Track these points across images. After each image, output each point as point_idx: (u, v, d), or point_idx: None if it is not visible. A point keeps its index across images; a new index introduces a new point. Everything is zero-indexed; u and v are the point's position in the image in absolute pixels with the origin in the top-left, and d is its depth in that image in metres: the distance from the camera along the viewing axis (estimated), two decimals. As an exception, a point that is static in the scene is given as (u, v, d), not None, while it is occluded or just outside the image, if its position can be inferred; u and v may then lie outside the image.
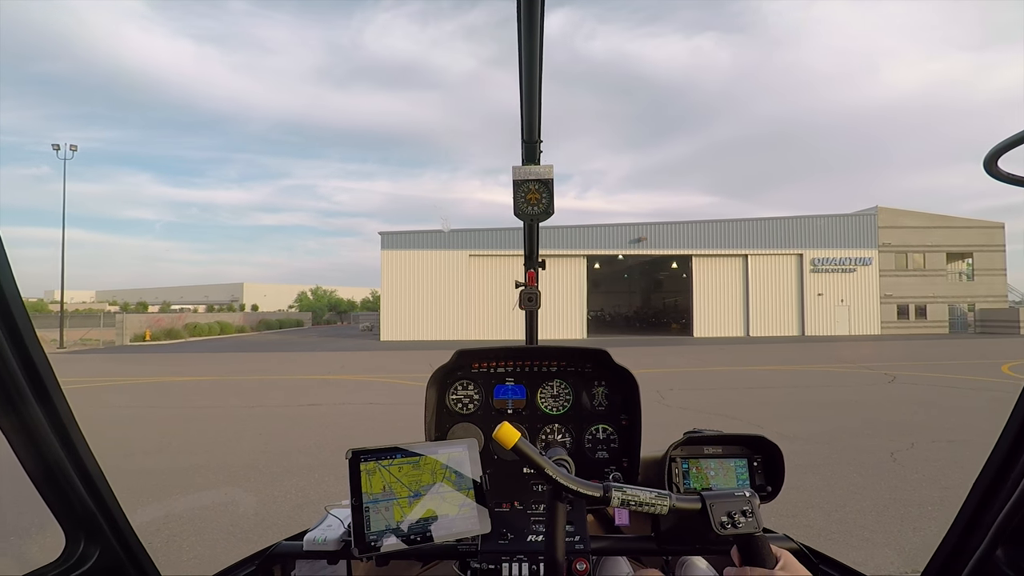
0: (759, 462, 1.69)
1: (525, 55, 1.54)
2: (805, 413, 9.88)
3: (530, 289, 2.63)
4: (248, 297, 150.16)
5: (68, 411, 1.10)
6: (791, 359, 21.09)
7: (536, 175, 1.99)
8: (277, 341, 36.86)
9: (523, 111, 1.83)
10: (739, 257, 37.76)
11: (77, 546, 1.15)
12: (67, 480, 1.10)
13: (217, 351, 28.87)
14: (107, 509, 1.18)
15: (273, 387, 14.81)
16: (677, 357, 22.67)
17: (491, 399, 1.99)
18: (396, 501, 1.34)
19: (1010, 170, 0.76)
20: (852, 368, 17.50)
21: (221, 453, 7.54)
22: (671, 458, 1.66)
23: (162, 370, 19.57)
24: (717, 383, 14.48)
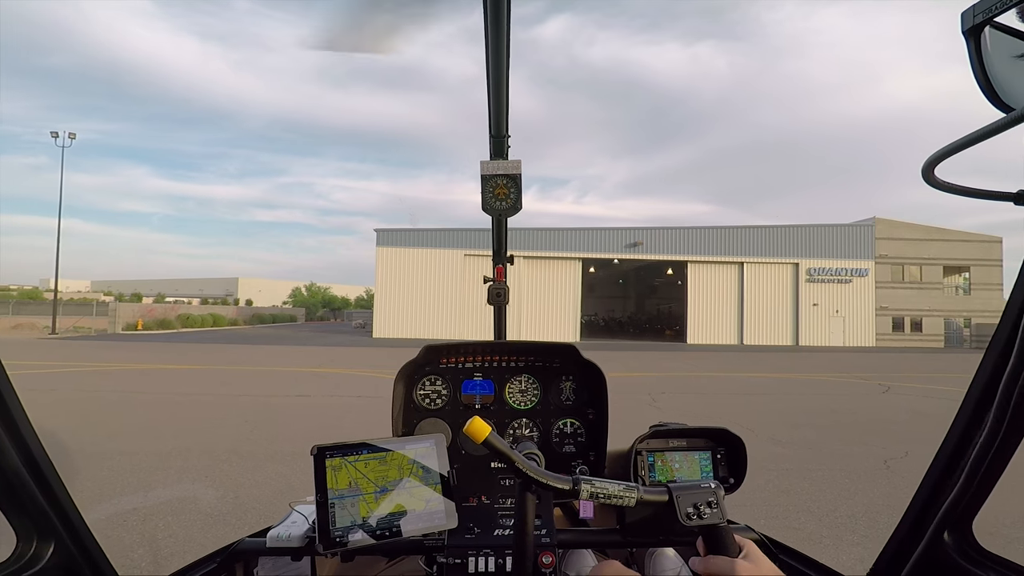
0: (722, 454, 1.73)
1: (492, 51, 1.55)
2: (799, 420, 9.79)
3: (498, 285, 2.59)
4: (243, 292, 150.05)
5: (19, 406, 1.07)
6: (784, 367, 21.02)
7: (504, 170, 2.00)
8: (269, 335, 36.60)
9: (490, 106, 1.85)
10: (735, 265, 37.63)
11: (29, 545, 1.12)
12: (17, 477, 1.07)
13: (208, 342, 28.62)
14: (60, 506, 1.15)
15: (262, 378, 14.64)
16: (670, 362, 22.56)
17: (459, 394, 1.99)
18: (362, 497, 1.33)
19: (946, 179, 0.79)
20: (846, 377, 17.43)
21: (204, 438, 7.38)
22: (637, 451, 1.67)
23: (152, 358, 19.35)
24: (709, 388, 14.38)
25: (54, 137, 31.31)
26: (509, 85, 1.75)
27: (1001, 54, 0.75)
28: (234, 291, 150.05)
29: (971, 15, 0.75)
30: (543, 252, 36.13)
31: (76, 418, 8.69)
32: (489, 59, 1.60)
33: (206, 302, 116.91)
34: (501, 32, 1.48)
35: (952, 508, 1.13)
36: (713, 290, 37.56)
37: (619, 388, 13.94)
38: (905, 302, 38.54)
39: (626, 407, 10.61)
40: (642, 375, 17.08)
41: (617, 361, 21.94)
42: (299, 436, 7.75)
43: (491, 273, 2.66)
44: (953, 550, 1.17)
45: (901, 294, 38.54)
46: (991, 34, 0.75)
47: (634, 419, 9.46)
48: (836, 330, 37.53)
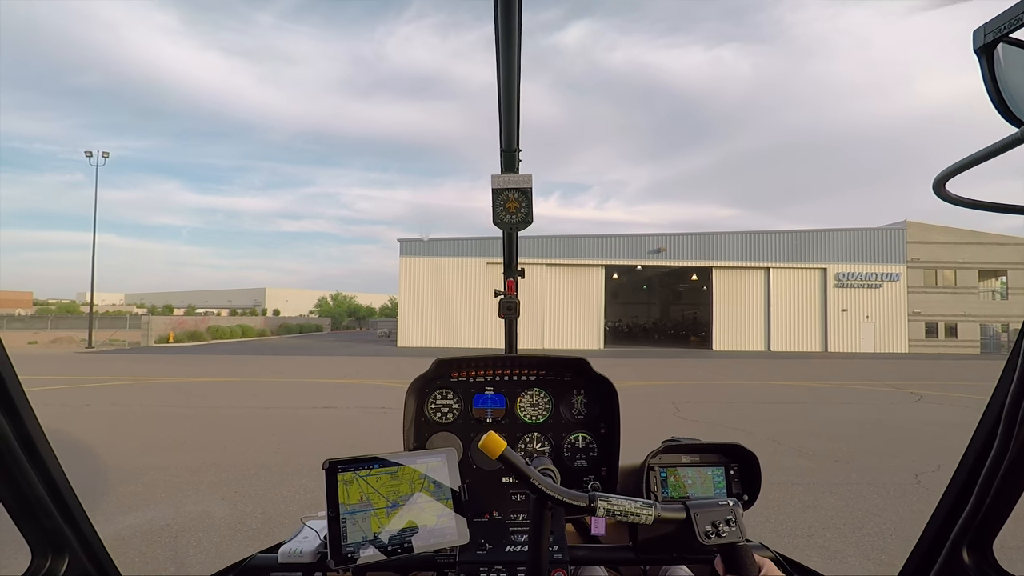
0: (736, 470, 1.70)
1: (503, 66, 1.56)
2: (826, 431, 9.61)
3: (509, 298, 2.58)
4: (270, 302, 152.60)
5: (35, 422, 1.08)
6: (812, 375, 20.61)
7: (515, 184, 2.00)
8: (296, 345, 37.27)
9: (501, 121, 1.85)
10: (761, 270, 37.07)
11: (44, 560, 1.13)
12: (33, 492, 1.08)
13: (237, 353, 29.27)
14: (75, 522, 1.16)
15: (290, 390, 14.92)
16: (694, 369, 22.31)
17: (470, 408, 1.98)
18: (374, 512, 1.32)
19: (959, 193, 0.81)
20: (876, 386, 17.02)
21: (233, 452, 7.58)
22: (649, 466, 1.65)
23: (183, 370, 19.88)
24: (734, 397, 14.18)
25: (88, 156, 32.50)
26: (520, 99, 1.75)
27: (1014, 71, 0.76)
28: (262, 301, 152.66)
29: (983, 33, 0.76)
30: (566, 259, 36.14)
31: (111, 433, 9.00)
32: (500, 73, 1.60)
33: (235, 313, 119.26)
34: (512, 46, 1.48)
35: (971, 527, 1.11)
36: (739, 296, 37.05)
37: (642, 397, 13.83)
38: (939, 307, 37.47)
39: (649, 416, 10.56)
40: (666, 383, 16.93)
41: (640, 369, 21.79)
42: (325, 449, 7.90)
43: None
44: (972, 570, 1.14)
45: (934, 299, 37.50)
46: (1004, 50, 0.76)
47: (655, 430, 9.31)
48: (867, 336, 36.66)
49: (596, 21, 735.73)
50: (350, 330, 70.75)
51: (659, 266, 38.59)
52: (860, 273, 36.86)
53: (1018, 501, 1.07)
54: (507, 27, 1.41)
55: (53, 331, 44.56)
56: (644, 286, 58.20)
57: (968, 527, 1.12)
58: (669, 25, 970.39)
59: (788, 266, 36.84)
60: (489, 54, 1.58)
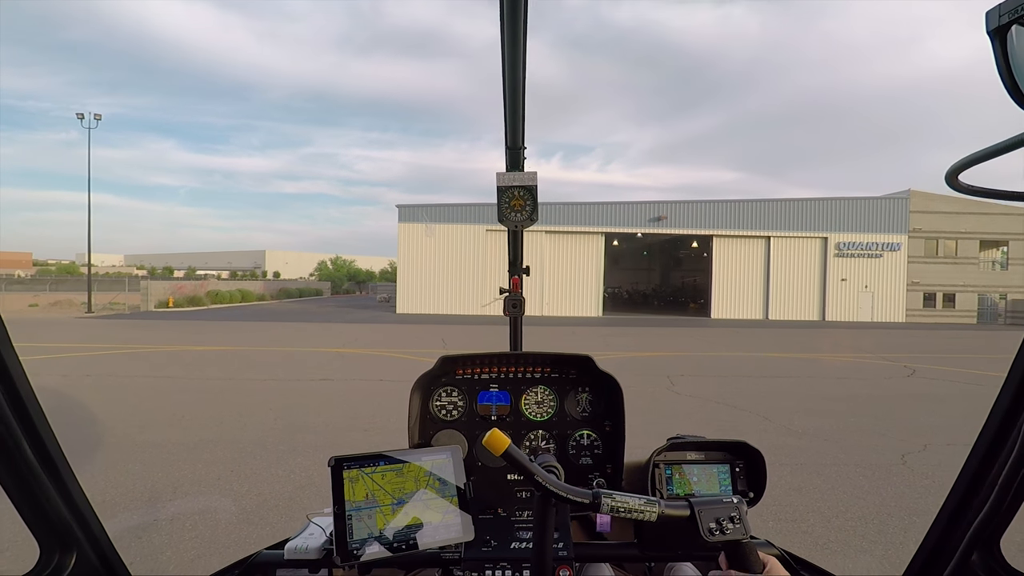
0: (741, 467, 1.71)
1: (508, 64, 1.55)
2: (817, 407, 9.73)
3: (514, 296, 2.56)
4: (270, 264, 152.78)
5: (42, 417, 1.08)
6: (808, 346, 20.77)
7: (520, 181, 2.00)
8: (295, 311, 37.46)
9: (507, 119, 1.85)
10: (761, 239, 36.98)
11: (52, 556, 1.14)
12: (40, 488, 1.08)
13: (236, 320, 29.44)
14: (82, 517, 1.17)
15: (287, 359, 15.05)
16: (691, 339, 22.47)
17: (475, 405, 1.99)
18: (379, 509, 1.33)
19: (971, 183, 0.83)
20: (870, 359, 17.17)
21: (230, 429, 7.69)
22: (654, 464, 1.66)
23: (182, 338, 20.03)
24: (729, 370, 14.32)
25: (80, 119, 31.90)
26: (526, 97, 1.74)
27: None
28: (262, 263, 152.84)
29: (996, 15, 0.72)
30: (566, 227, 35.95)
31: (108, 406, 9.11)
32: (505, 71, 1.59)
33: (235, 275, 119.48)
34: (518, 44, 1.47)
35: (979, 526, 1.11)
36: (739, 264, 37.06)
37: (638, 369, 13.98)
38: (938, 277, 37.54)
39: (643, 392, 10.68)
40: (662, 355, 17.08)
41: (637, 338, 21.95)
42: (321, 426, 8.01)
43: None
44: (980, 569, 1.14)
45: (934, 269, 37.53)
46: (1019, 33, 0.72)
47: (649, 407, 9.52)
48: (865, 305, 36.84)
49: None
50: (350, 294, 70.97)
51: (660, 234, 38.47)
52: (861, 243, 36.78)
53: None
54: (512, 26, 1.41)
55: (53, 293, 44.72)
56: (644, 252, 58.09)
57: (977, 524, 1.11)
58: None
59: (789, 235, 36.74)
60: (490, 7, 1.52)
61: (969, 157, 0.79)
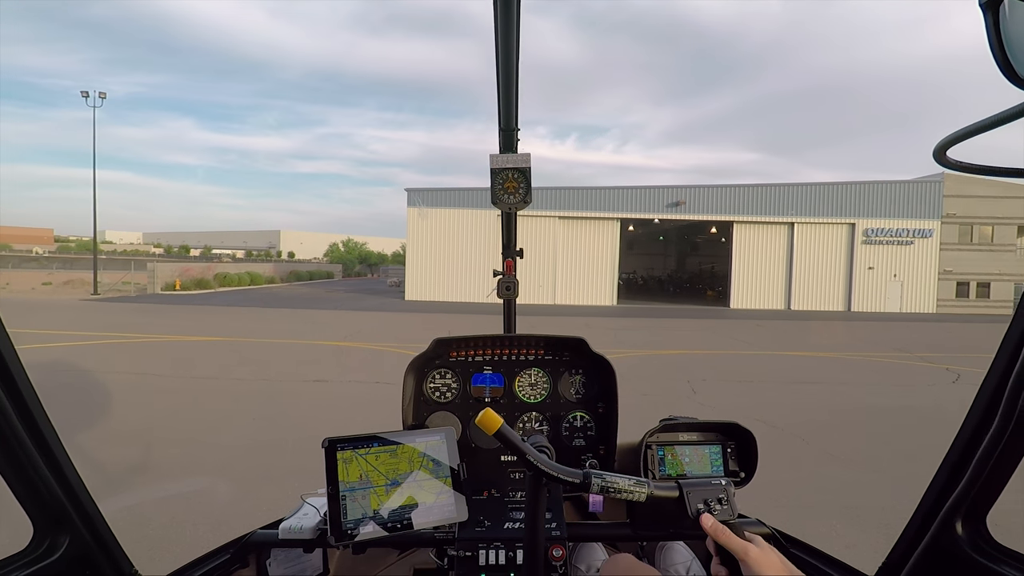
0: (733, 448, 1.72)
1: (502, 45, 1.55)
2: (859, 425, 8.68)
3: (508, 278, 2.60)
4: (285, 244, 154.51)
5: (35, 398, 1.10)
6: (839, 343, 19.56)
7: (514, 163, 1.99)
8: (303, 295, 36.80)
9: (500, 100, 1.83)
10: (784, 225, 35.17)
11: (45, 536, 1.15)
12: (35, 469, 1.09)
13: (241, 305, 28.80)
14: (76, 498, 1.18)
15: (285, 353, 14.28)
16: (712, 334, 21.35)
17: (469, 387, 2.01)
18: (373, 489, 1.35)
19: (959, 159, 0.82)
20: (908, 359, 15.98)
21: (200, 447, 6.86)
22: (647, 445, 1.67)
23: (180, 326, 19.34)
24: (756, 373, 13.26)
25: (85, 97, 31.13)
26: (519, 78, 1.74)
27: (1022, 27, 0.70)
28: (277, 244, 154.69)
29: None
30: (580, 212, 34.62)
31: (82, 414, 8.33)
32: (499, 51, 1.58)
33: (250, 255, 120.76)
34: (511, 24, 1.46)
35: (965, 500, 1.13)
36: (760, 252, 35.41)
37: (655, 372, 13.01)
38: (972, 265, 35.51)
39: (661, 402, 9.69)
40: (682, 353, 16.05)
41: (655, 333, 20.88)
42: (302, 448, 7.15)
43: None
44: (966, 543, 1.15)
45: (968, 256, 35.50)
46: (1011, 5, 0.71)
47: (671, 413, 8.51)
48: (893, 295, 35.09)
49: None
50: (361, 277, 70.49)
51: (677, 220, 36.92)
52: (891, 229, 34.74)
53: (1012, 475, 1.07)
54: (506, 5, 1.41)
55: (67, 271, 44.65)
56: (661, 237, 56.60)
57: (963, 499, 1.13)
58: None
59: (814, 221, 34.84)
60: None
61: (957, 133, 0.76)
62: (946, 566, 1.18)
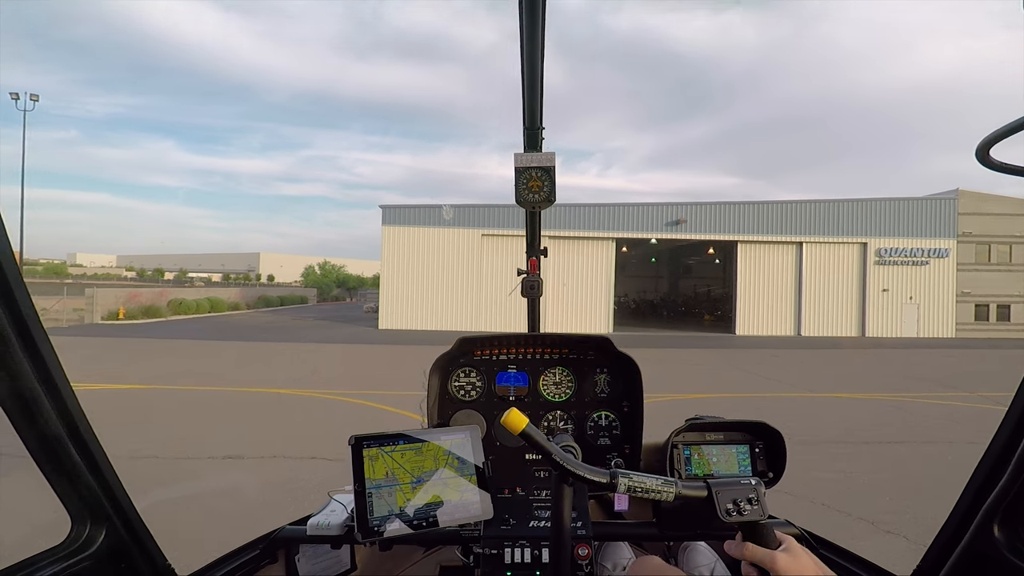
0: (761, 448, 1.69)
1: (527, 42, 1.55)
2: (916, 505, 5.70)
3: (532, 277, 2.57)
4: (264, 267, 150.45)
5: (74, 398, 1.09)
6: (876, 379, 16.76)
7: (538, 162, 1.98)
8: (267, 324, 33.31)
9: (525, 98, 1.83)
10: (792, 244, 32.62)
11: (83, 529, 1.16)
12: (72, 465, 1.10)
13: (189, 337, 25.36)
14: (112, 492, 1.18)
15: (207, 408, 11.07)
16: (726, 366, 18.52)
17: (493, 386, 2.03)
18: (399, 487, 1.34)
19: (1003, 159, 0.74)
20: (969, 399, 13.16)
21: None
22: (673, 444, 1.65)
23: (92, 370, 15.89)
24: (796, 424, 10.30)
25: (15, 99, 27.80)
26: (544, 76, 1.71)
27: None
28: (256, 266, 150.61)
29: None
30: (572, 231, 31.80)
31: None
32: (524, 49, 1.57)
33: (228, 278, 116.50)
34: (536, 21, 1.45)
35: (1002, 502, 1.09)
36: (767, 273, 32.75)
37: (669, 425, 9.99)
38: (991, 287, 33.15)
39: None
40: (698, 397, 13.11)
41: (661, 367, 17.90)
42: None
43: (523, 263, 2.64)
44: (1004, 546, 1.12)
45: (986, 277, 33.16)
46: None
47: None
48: (909, 319, 32.56)
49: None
50: (339, 301, 66.85)
51: (678, 239, 34.28)
52: (905, 249, 32.31)
53: None
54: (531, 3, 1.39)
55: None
56: (653, 259, 54.09)
57: (1000, 501, 1.09)
58: None
59: (823, 240, 32.38)
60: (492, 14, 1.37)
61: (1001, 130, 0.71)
62: (983, 569, 1.14)
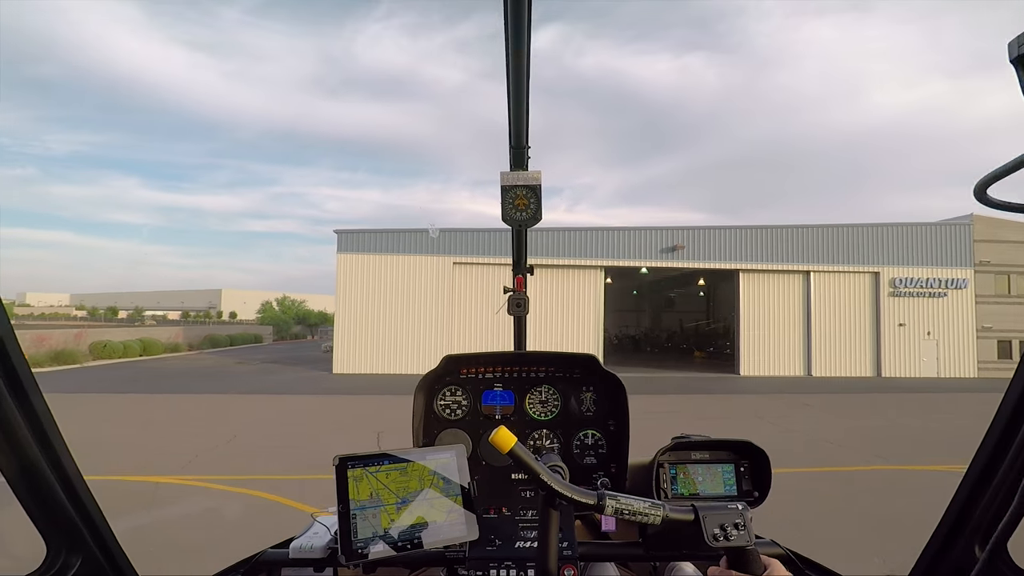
0: (746, 467, 1.69)
1: (512, 62, 1.54)
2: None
3: (518, 295, 2.57)
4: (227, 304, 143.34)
5: (51, 420, 1.08)
6: (937, 436, 13.26)
7: (524, 180, 2.01)
8: (200, 369, 28.58)
9: (511, 117, 1.83)
10: (798, 273, 29.53)
11: (59, 555, 1.14)
12: (49, 489, 1.08)
13: (91, 391, 20.70)
14: (89, 517, 1.16)
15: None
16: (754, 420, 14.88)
17: (479, 405, 1.98)
18: (383, 508, 1.32)
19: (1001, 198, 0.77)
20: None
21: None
22: (659, 463, 1.66)
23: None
24: (894, 529, 6.60)
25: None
26: (530, 95, 1.72)
27: None
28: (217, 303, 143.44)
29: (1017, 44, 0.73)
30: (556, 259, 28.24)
31: None
32: (509, 69, 1.57)
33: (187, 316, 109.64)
34: (521, 42, 1.46)
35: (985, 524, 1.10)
36: (771, 306, 29.44)
37: (794, 537, 6.31)
38: (1013, 321, 30.08)
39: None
40: (785, 473, 9.36)
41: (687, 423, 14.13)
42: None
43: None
44: (985, 567, 1.12)
45: (1008, 311, 30.24)
46: None
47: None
48: (928, 357, 29.36)
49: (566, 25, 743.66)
50: (300, 339, 61.73)
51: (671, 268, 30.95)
52: (920, 279, 29.48)
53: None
54: (516, 21, 1.39)
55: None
56: (634, 291, 50.92)
57: (982, 523, 1.10)
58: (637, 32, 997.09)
59: (833, 269, 29.37)
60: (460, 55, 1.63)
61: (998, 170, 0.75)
62: None
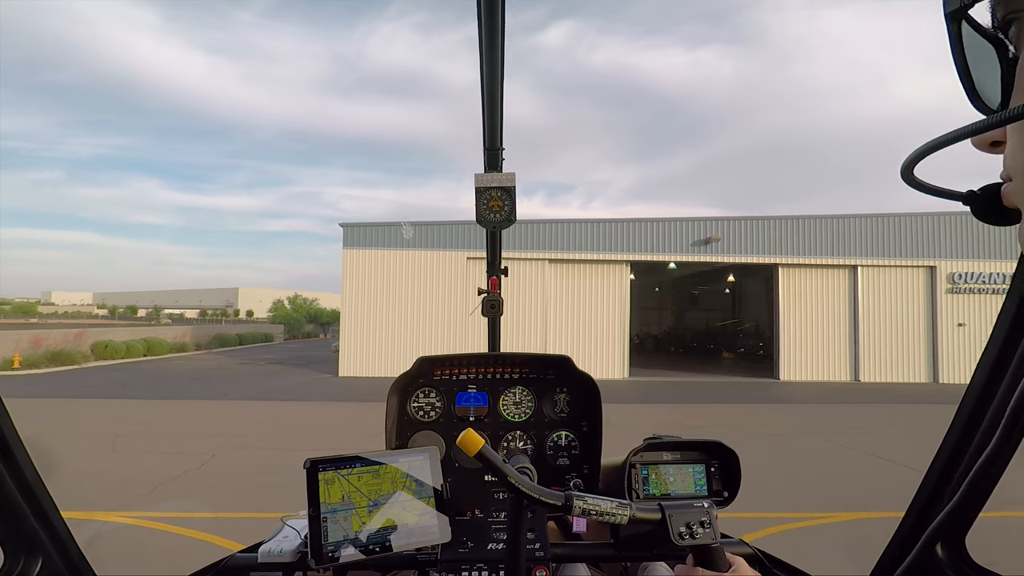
0: (716, 467, 1.73)
1: (486, 64, 1.57)
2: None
3: (493, 296, 2.58)
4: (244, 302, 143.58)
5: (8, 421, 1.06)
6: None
7: (498, 182, 2.07)
8: (203, 371, 27.12)
9: (485, 119, 1.88)
10: (844, 268, 27.07)
11: (17, 560, 1.12)
12: (5, 492, 1.06)
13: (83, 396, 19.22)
14: (48, 523, 1.15)
15: None
16: (827, 444, 12.80)
17: (453, 407, 1.99)
18: (355, 511, 1.31)
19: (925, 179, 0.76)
20: None
21: None
22: (631, 464, 1.68)
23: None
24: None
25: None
26: (504, 98, 1.74)
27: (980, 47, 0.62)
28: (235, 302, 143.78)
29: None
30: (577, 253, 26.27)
31: None
32: (483, 71, 1.59)
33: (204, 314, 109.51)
34: (496, 44, 1.47)
35: (944, 521, 1.12)
36: (814, 305, 27.06)
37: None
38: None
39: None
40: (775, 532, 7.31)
41: (765, 453, 12.12)
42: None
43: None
44: (945, 564, 1.15)
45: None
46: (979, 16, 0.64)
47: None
48: (990, 360, 26.91)
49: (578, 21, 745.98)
50: (312, 338, 60.47)
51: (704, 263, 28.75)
52: (982, 273, 26.66)
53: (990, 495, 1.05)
54: (490, 26, 1.41)
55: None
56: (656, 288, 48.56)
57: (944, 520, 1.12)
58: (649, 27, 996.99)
59: (882, 263, 26.80)
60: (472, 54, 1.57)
61: (921, 149, 0.71)
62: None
